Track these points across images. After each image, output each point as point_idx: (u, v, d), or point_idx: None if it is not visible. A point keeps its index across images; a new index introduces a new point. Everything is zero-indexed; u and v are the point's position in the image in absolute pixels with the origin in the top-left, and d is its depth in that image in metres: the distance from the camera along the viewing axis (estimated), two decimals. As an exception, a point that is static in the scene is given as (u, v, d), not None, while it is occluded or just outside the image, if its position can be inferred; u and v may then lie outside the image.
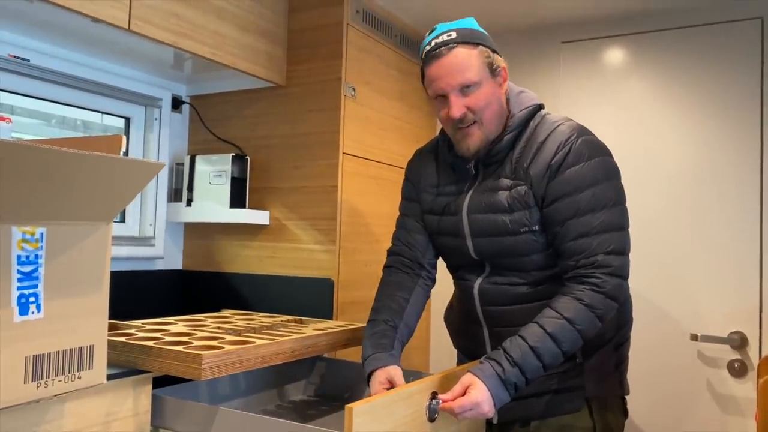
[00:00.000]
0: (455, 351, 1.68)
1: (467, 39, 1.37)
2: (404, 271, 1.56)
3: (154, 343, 1.35)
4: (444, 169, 1.53)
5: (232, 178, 2.08)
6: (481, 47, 1.38)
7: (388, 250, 1.63)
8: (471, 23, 1.42)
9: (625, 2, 2.19)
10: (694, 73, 2.19)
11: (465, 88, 1.36)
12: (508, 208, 1.38)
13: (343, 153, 2.05)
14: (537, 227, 1.37)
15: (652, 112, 2.25)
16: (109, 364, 1.32)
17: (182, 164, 2.21)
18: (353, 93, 2.08)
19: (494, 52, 1.40)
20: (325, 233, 2.03)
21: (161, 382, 1.41)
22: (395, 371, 1.35)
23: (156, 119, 2.20)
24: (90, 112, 2.07)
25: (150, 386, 1.35)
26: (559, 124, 1.41)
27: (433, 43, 1.38)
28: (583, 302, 1.29)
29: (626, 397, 1.53)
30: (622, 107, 2.30)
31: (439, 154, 1.56)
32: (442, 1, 2.21)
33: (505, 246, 1.40)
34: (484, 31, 1.43)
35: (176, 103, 2.28)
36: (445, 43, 1.37)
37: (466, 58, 1.35)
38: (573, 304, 1.29)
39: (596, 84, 2.34)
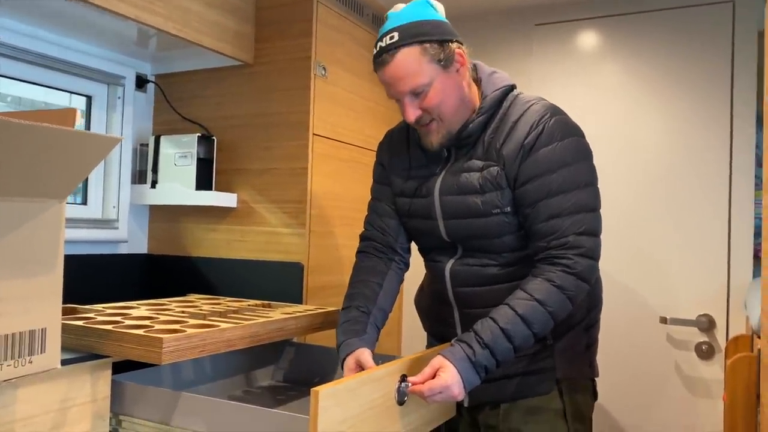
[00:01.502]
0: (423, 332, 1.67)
1: (409, 38, 1.31)
2: (377, 256, 1.54)
3: (113, 327, 1.30)
4: (415, 151, 1.50)
5: (198, 160, 2.02)
6: (425, 44, 1.32)
7: (360, 235, 1.60)
8: (420, 10, 1.36)
9: (598, -16, 2.17)
10: (666, 55, 2.18)
11: (415, 93, 1.34)
12: (479, 189, 1.36)
13: (314, 134, 2.00)
14: (509, 208, 1.35)
15: (624, 95, 2.24)
16: (66, 349, 1.28)
17: (146, 145, 2.15)
18: (324, 72, 2.03)
19: (445, 41, 1.34)
20: (294, 216, 1.99)
21: (125, 367, 1.36)
22: (362, 353, 1.33)
23: (119, 98, 2.13)
24: (50, 91, 1.99)
25: (109, 372, 1.31)
26: (532, 104, 1.39)
27: (378, 47, 1.36)
28: (554, 283, 1.27)
29: (596, 379, 1.52)
30: (594, 90, 2.29)
31: (411, 135, 1.53)
32: (414, -20, 2.16)
33: (476, 227, 1.38)
34: (436, 15, 1.37)
35: (141, 82, 2.20)
36: (388, 49, 1.33)
37: (410, 63, 1.31)
38: (544, 286, 1.27)
39: (569, 66, 2.33)
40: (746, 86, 2.06)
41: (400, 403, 1.26)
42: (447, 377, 1.20)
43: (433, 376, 1.22)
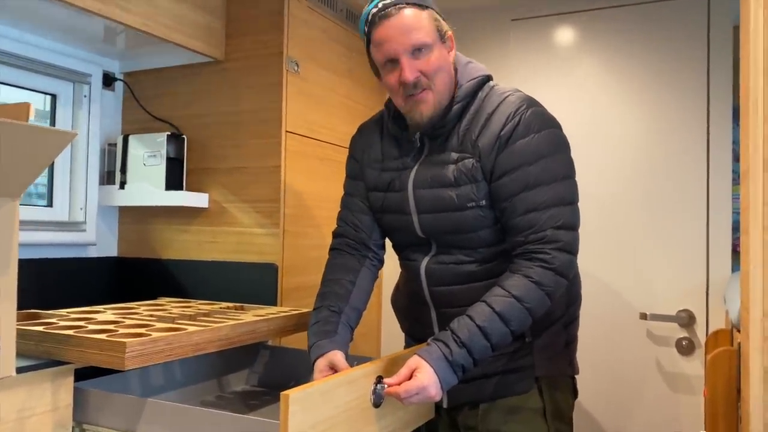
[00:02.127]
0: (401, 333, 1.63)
1: (417, 1, 1.31)
2: (350, 253, 1.49)
3: (75, 332, 1.24)
4: (388, 144, 1.46)
5: (168, 159, 1.97)
6: (430, 10, 1.32)
7: (333, 232, 1.55)
8: None
9: (574, -22, 2.15)
10: (643, 50, 2.17)
11: (416, 51, 1.29)
12: (454, 182, 1.33)
13: (286, 131, 1.95)
14: (484, 202, 1.32)
15: (601, 90, 2.23)
16: (24, 356, 1.22)
17: (115, 145, 2.08)
18: (296, 68, 1.99)
19: (444, 19, 1.35)
20: (267, 216, 1.94)
21: (92, 374, 1.31)
22: (335, 356, 1.29)
23: (85, 96, 2.06)
24: (12, 89, 1.92)
25: (71, 379, 1.25)
26: (508, 95, 1.36)
27: (380, 5, 1.31)
28: (532, 279, 1.24)
29: (576, 376, 1.50)
30: (572, 84, 2.27)
31: (384, 128, 1.49)
32: (388, -25, 2.13)
33: (451, 222, 1.34)
34: None
35: (108, 80, 2.14)
36: (394, 3, 1.30)
37: (417, 19, 1.29)
38: (521, 282, 1.24)
39: (546, 61, 2.31)
40: (722, 81, 2.06)
41: (376, 405, 1.22)
42: (423, 378, 1.16)
43: (410, 377, 1.18)
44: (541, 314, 1.27)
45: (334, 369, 1.28)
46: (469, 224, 1.33)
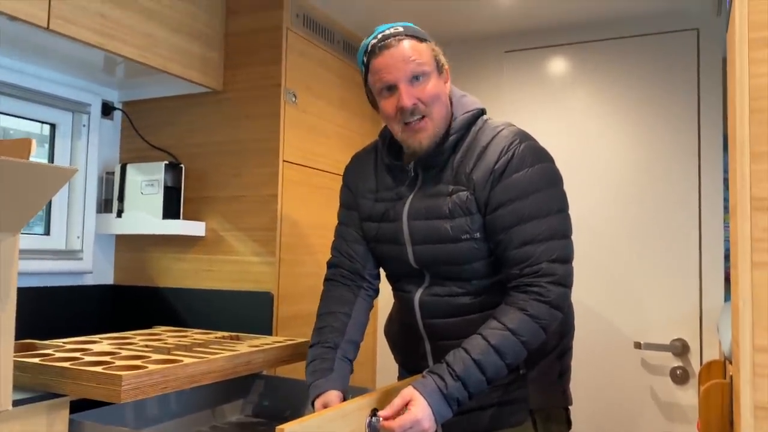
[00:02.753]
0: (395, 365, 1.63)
1: (415, 33, 1.36)
2: (344, 284, 1.50)
3: (71, 364, 1.24)
4: (382, 174, 1.48)
5: (166, 188, 1.98)
6: (429, 43, 1.37)
7: (327, 262, 1.56)
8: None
9: (566, 13, 2.20)
10: (634, 81, 2.21)
11: (415, 79, 1.33)
12: (449, 214, 1.34)
13: (284, 161, 1.98)
14: (478, 234, 1.33)
15: (594, 121, 2.26)
16: (20, 388, 1.22)
17: (112, 173, 2.10)
18: (294, 99, 2.02)
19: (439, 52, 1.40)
20: (264, 244, 1.95)
21: (86, 405, 1.31)
22: (331, 397, 1.29)
23: (84, 126, 2.08)
24: (13, 118, 1.94)
25: (67, 411, 1.25)
26: (501, 129, 1.38)
27: (380, 36, 1.35)
28: (527, 312, 1.25)
29: (570, 407, 1.50)
30: (564, 115, 2.30)
31: (378, 158, 1.50)
32: (384, 8, 2.17)
33: (445, 253, 1.36)
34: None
35: (107, 109, 2.16)
36: (394, 35, 1.34)
37: (416, 49, 1.34)
38: (517, 315, 1.25)
39: (539, 92, 2.35)
40: (713, 111, 2.10)
41: (371, 438, 1.22)
42: (417, 411, 1.17)
43: (403, 408, 1.19)
44: (536, 347, 1.28)
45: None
46: (463, 256, 1.35)
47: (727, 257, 2.05)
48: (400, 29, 1.35)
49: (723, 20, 1.95)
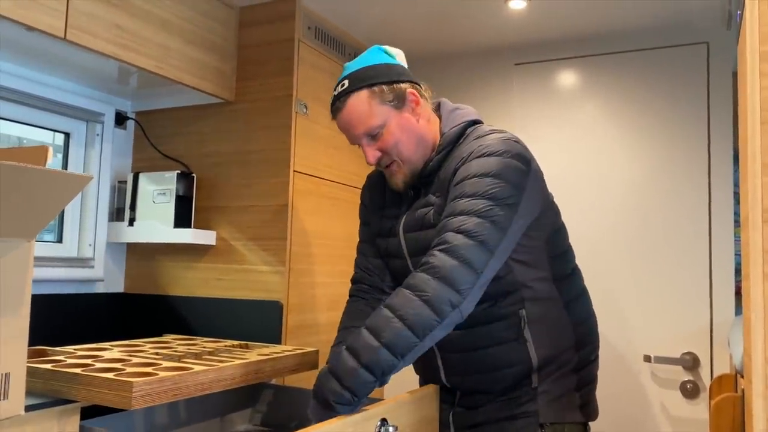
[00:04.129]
0: (412, 375, 1.63)
1: (358, 83, 1.36)
2: (364, 299, 1.53)
3: (82, 370, 1.25)
4: (390, 191, 1.52)
5: (177, 197, 2.00)
6: (374, 87, 1.35)
7: (351, 279, 1.61)
8: (372, 56, 1.40)
9: (576, 26, 2.21)
10: (644, 95, 2.22)
11: (370, 137, 1.37)
12: (433, 224, 1.35)
13: (294, 171, 1.99)
14: None
15: (603, 134, 2.27)
16: (32, 394, 1.23)
17: (125, 182, 2.12)
18: (305, 110, 2.03)
19: (395, 82, 1.37)
20: (274, 254, 1.96)
21: (97, 411, 1.31)
22: None
23: (98, 135, 2.11)
24: (27, 127, 1.96)
25: (77, 417, 1.25)
26: (489, 134, 1.36)
27: (333, 95, 1.40)
28: (407, 284, 1.21)
29: (589, 423, 1.46)
30: (573, 128, 2.31)
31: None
32: (393, 21, 2.19)
33: None
34: (389, 59, 1.41)
35: (120, 119, 2.19)
36: (339, 96, 1.38)
37: (361, 107, 1.35)
38: (398, 290, 1.22)
39: (548, 105, 2.36)
40: (723, 124, 2.09)
41: (380, 448, 1.22)
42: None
43: None
44: (427, 327, 1.17)
45: None
46: None
47: (737, 271, 2.04)
48: (346, 84, 1.37)
49: (733, 34, 1.96)
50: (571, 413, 1.42)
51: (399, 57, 1.44)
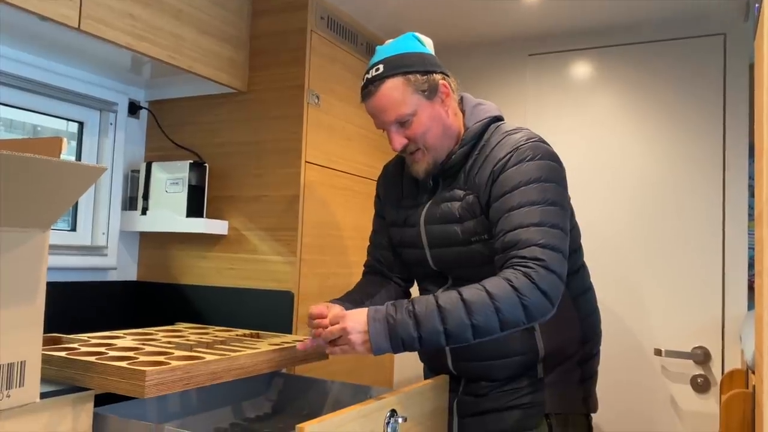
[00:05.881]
0: (420, 367, 1.65)
1: (393, 70, 1.36)
2: (375, 275, 1.60)
3: (96, 359, 1.27)
4: (407, 182, 1.54)
5: (190, 186, 2.01)
6: (409, 75, 1.36)
7: (363, 264, 1.67)
8: (406, 43, 1.40)
9: (590, 17, 2.19)
10: (659, 87, 2.19)
11: (400, 124, 1.37)
12: (458, 218, 1.38)
13: (306, 161, 1.99)
14: (487, 236, 1.35)
15: (616, 125, 2.25)
16: (47, 381, 1.25)
17: (138, 171, 2.13)
18: (317, 101, 2.03)
19: (429, 72, 1.38)
20: (285, 244, 1.97)
21: (110, 399, 1.33)
22: (333, 306, 1.35)
23: (111, 124, 2.12)
24: (40, 115, 1.98)
25: (91, 404, 1.27)
26: (512, 133, 1.39)
27: (365, 79, 1.39)
28: (511, 283, 1.22)
29: (592, 414, 1.49)
30: (587, 119, 2.29)
31: (404, 168, 1.56)
32: (407, 11, 2.18)
33: (459, 256, 1.39)
34: (422, 48, 1.41)
35: (133, 108, 2.20)
36: (373, 80, 1.37)
37: (394, 93, 1.35)
38: (499, 282, 1.22)
39: (562, 96, 2.34)
40: (738, 117, 2.07)
41: (390, 438, 1.23)
42: (349, 322, 1.20)
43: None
44: (513, 324, 1.22)
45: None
46: (475, 258, 1.37)
47: (751, 265, 2.03)
48: (381, 68, 1.36)
49: (751, 25, 1.93)
50: (576, 404, 1.45)
51: (429, 46, 1.45)
